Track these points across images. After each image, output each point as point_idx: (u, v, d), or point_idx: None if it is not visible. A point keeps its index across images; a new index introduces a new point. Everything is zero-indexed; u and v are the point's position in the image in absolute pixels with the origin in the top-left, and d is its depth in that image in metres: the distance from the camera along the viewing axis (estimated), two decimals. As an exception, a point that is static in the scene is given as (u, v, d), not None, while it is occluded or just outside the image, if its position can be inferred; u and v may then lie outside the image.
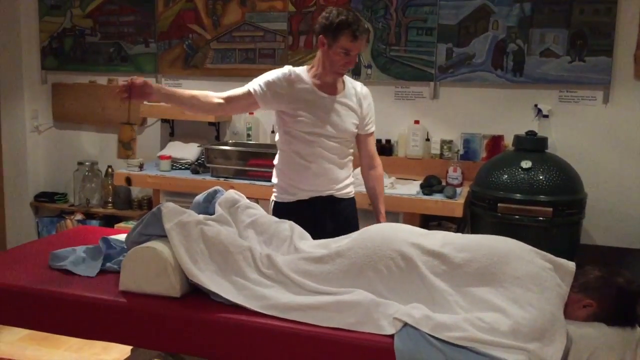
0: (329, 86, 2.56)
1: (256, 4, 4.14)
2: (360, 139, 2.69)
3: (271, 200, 2.70)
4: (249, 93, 2.52)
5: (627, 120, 3.50)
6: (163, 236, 2.07)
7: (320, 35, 2.46)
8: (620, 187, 3.54)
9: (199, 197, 2.39)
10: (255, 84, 2.52)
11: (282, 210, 2.58)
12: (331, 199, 2.61)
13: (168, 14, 4.36)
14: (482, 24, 3.70)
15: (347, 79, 2.65)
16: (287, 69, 2.57)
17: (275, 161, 2.67)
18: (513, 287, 1.82)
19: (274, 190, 2.69)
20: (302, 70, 2.57)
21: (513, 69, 3.65)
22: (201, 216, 2.19)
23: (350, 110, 2.59)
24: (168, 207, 2.11)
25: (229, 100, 2.52)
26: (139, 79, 2.29)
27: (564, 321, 1.77)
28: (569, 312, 1.84)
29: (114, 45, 4.55)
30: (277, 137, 2.65)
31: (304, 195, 2.58)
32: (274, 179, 2.67)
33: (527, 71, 3.63)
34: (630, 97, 3.49)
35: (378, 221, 2.67)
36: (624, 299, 1.85)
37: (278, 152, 2.65)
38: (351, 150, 2.68)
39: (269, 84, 2.50)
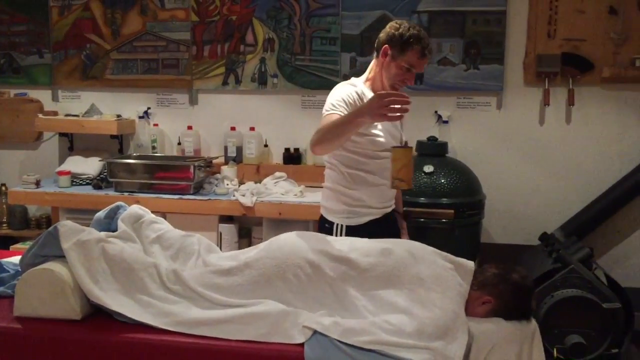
0: None
1: (157, 14, 4.05)
2: None
3: (337, 225, 2.40)
4: None
5: (519, 124, 3.72)
6: (61, 257, 1.98)
7: (386, 46, 2.27)
8: (515, 187, 3.75)
9: (100, 214, 2.30)
10: (337, 109, 2.18)
11: (357, 233, 2.31)
12: (392, 213, 2.53)
13: (63, 23, 4.18)
14: (383, 33, 3.81)
15: None
16: (352, 85, 2.34)
17: (332, 184, 2.42)
18: (417, 288, 1.87)
19: (337, 214, 2.41)
20: (360, 84, 2.36)
21: (414, 77, 3.78)
22: (103, 233, 2.11)
23: (398, 123, 2.47)
24: (66, 226, 2.02)
25: None
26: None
27: (466, 318, 1.85)
28: (470, 309, 1.92)
29: (4, 56, 4.30)
30: (334, 160, 2.38)
31: (378, 214, 2.41)
32: (336, 205, 2.41)
33: (427, 79, 3.77)
34: (521, 102, 3.71)
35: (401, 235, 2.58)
36: (520, 294, 1.95)
37: (338, 174, 2.37)
38: None
39: (349, 105, 2.22)
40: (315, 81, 3.91)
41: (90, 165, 3.87)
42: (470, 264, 2.00)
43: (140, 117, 4.13)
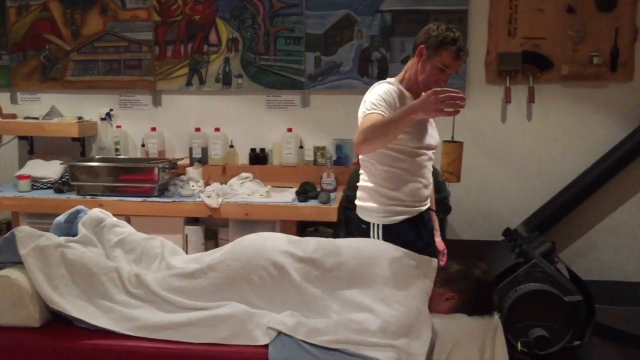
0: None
1: (118, 14, 3.99)
2: None
3: (374, 225, 2.30)
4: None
5: (482, 121, 3.77)
6: (19, 263, 1.94)
7: (422, 45, 2.27)
8: (479, 184, 3.80)
9: (60, 218, 2.27)
10: (378, 108, 2.15)
11: (394, 232, 2.26)
12: (427, 211, 2.45)
13: (21, 23, 4.08)
14: (347, 33, 3.82)
15: None
16: (389, 84, 2.30)
17: (368, 182, 2.34)
18: (381, 286, 1.89)
19: (373, 213, 2.32)
20: (396, 83, 2.34)
21: (378, 76, 3.80)
22: (62, 238, 2.08)
23: (434, 122, 2.45)
24: (23, 231, 1.98)
25: None
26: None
27: (429, 315, 1.87)
28: (433, 305, 1.94)
29: (-40, 58, 4.18)
30: (371, 158, 2.32)
31: (414, 212, 2.32)
32: (372, 204, 2.32)
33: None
34: (483, 100, 3.76)
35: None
36: (482, 290, 1.98)
37: (374, 172, 2.31)
38: None
39: (389, 103, 2.19)
40: (280, 81, 3.90)
41: (51, 169, 3.78)
42: (434, 261, 2.03)
43: (102, 119, 4.06)
